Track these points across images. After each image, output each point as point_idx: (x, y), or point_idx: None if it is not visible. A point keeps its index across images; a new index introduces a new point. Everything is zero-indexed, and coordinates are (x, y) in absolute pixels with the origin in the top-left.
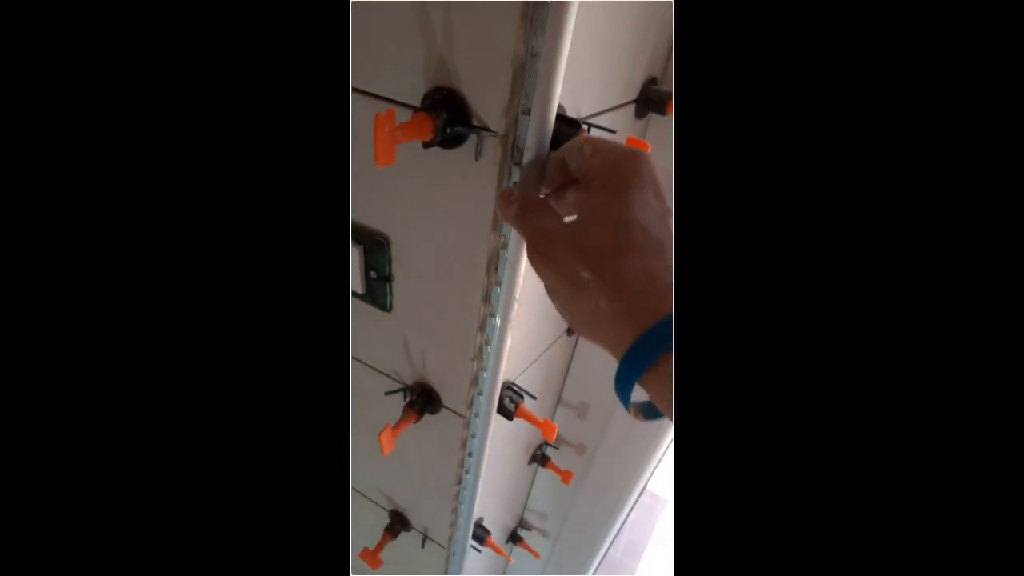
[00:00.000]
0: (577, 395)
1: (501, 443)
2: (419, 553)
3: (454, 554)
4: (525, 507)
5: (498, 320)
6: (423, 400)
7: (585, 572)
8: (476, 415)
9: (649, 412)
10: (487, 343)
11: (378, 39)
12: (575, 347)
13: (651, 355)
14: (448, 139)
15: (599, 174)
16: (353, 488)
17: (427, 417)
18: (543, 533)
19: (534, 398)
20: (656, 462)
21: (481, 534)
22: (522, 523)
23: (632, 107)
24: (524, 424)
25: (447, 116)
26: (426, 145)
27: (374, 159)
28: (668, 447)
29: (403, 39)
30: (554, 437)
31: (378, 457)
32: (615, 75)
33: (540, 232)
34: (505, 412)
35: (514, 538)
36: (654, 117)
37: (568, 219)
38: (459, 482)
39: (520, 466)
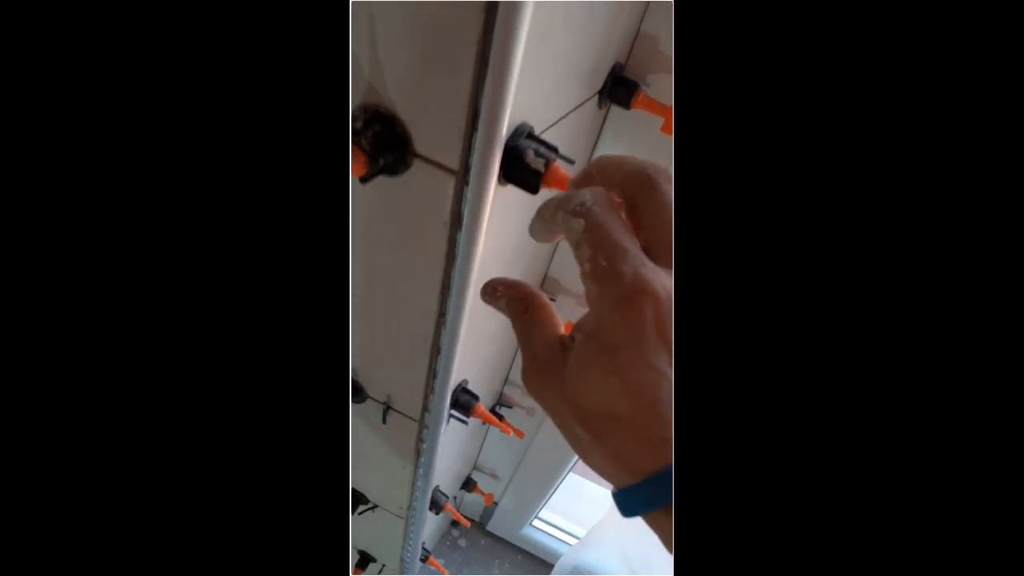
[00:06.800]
0: None
1: None
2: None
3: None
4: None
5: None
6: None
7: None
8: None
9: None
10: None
11: None
12: None
13: (650, 504)
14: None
15: (594, 314)
16: None
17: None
18: (494, 476)
19: None
20: None
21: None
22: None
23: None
24: None
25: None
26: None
27: None
28: None
29: None
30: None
31: None
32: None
33: (530, 356)
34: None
35: (467, 484)
36: (614, 109)
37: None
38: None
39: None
